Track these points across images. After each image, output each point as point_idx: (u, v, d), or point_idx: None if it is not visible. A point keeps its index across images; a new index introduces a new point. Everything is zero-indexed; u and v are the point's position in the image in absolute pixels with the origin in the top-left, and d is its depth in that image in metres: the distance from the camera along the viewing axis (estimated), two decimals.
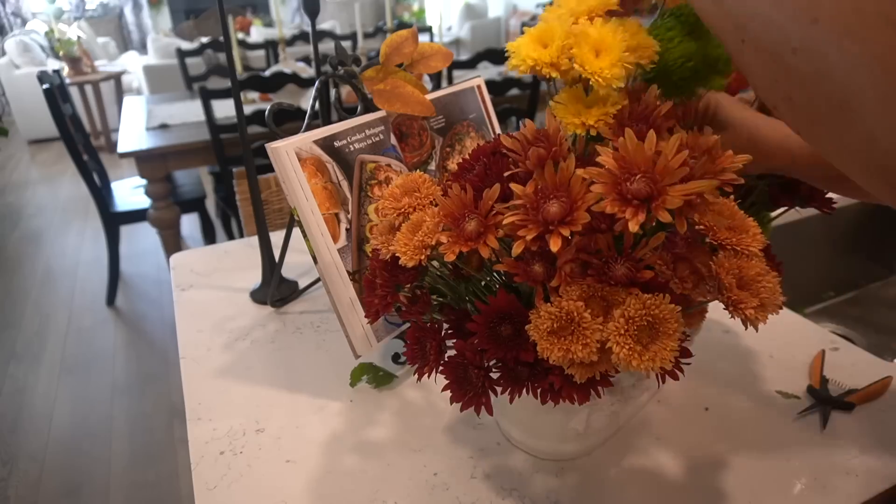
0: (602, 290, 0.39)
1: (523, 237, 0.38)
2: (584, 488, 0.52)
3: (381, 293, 0.48)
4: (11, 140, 4.89)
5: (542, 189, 0.39)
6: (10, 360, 2.11)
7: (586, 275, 0.40)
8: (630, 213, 0.35)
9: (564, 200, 0.38)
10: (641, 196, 0.35)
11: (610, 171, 0.36)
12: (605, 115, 0.42)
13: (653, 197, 0.35)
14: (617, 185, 0.36)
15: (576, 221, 0.37)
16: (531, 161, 0.40)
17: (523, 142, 0.42)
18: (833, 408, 0.60)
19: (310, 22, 0.78)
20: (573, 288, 0.39)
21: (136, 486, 1.56)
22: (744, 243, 0.43)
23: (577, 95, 0.45)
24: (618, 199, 0.36)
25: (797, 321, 0.74)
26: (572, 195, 0.38)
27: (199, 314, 0.81)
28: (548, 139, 0.41)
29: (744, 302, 0.40)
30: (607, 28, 0.43)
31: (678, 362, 0.39)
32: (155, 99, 2.70)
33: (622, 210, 0.35)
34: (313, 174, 0.60)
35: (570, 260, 0.39)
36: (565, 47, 0.43)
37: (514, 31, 6.08)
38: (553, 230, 0.37)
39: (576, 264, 0.40)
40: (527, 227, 0.38)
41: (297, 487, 0.54)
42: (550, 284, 0.39)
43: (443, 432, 0.59)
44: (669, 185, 0.35)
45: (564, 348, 0.38)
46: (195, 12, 6.85)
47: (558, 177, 0.39)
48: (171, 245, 2.18)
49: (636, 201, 0.35)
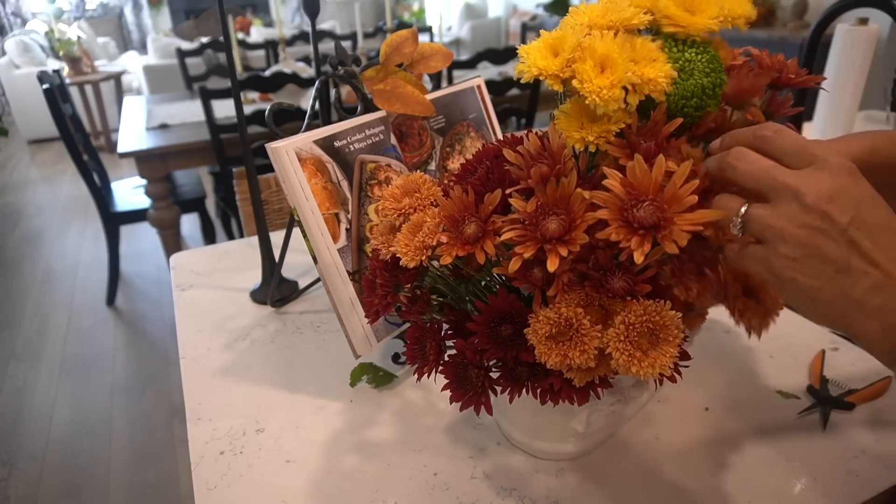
0: (600, 299, 0.39)
1: (520, 254, 0.37)
2: (584, 488, 0.52)
3: (381, 293, 0.48)
4: (11, 140, 4.89)
5: (541, 205, 0.38)
6: (10, 360, 2.11)
7: (584, 284, 0.39)
8: (635, 243, 0.34)
9: (564, 218, 0.37)
10: (647, 224, 0.34)
11: (616, 196, 0.36)
12: (607, 132, 0.40)
13: (659, 226, 0.34)
14: (623, 211, 0.35)
15: (574, 241, 0.36)
16: (533, 179, 0.39)
17: (527, 156, 0.41)
18: (833, 408, 0.60)
19: (310, 22, 0.78)
20: (572, 296, 0.39)
21: (136, 486, 1.56)
22: None
23: (583, 108, 0.42)
24: (623, 226, 0.35)
25: (797, 321, 0.74)
26: (572, 213, 0.37)
27: (199, 314, 0.81)
28: (552, 156, 0.40)
29: (750, 310, 0.40)
30: (614, 43, 0.40)
31: (677, 366, 0.39)
32: (155, 99, 2.70)
33: (627, 239, 0.34)
34: (313, 174, 0.60)
35: (567, 270, 0.39)
36: (570, 60, 0.41)
37: (514, 31, 6.07)
38: (551, 249, 0.37)
39: (574, 274, 0.39)
40: (525, 243, 0.37)
41: (297, 487, 0.54)
42: (548, 293, 0.39)
43: (443, 432, 0.59)
44: (677, 213, 0.34)
45: (562, 354, 0.38)
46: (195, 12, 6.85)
47: (559, 192, 0.38)
48: (171, 245, 2.18)
49: (642, 230, 0.34)
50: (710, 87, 0.41)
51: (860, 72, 1.15)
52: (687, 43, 0.42)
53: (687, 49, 0.42)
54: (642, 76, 0.39)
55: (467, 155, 0.74)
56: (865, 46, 1.14)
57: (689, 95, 0.41)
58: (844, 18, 1.14)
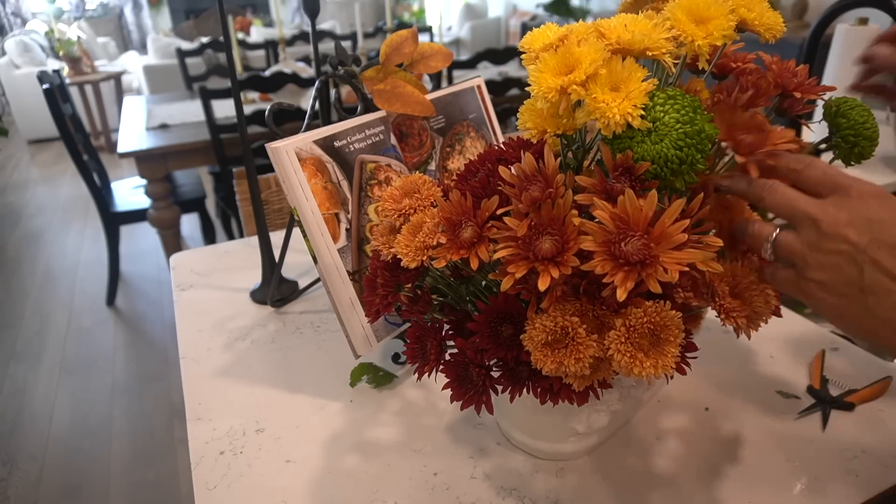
0: (594, 310, 0.39)
1: (512, 273, 0.37)
2: (584, 488, 0.52)
3: (382, 293, 0.48)
4: (11, 140, 4.89)
5: (535, 224, 0.38)
6: (10, 360, 2.11)
7: (578, 295, 0.39)
8: (619, 280, 0.34)
9: (557, 239, 0.37)
10: (633, 260, 0.34)
11: (603, 229, 0.36)
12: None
13: (645, 263, 0.34)
14: (609, 244, 0.35)
15: (566, 263, 0.36)
16: (524, 204, 0.39)
17: (521, 177, 0.40)
18: (833, 408, 0.60)
19: (310, 22, 0.78)
20: (567, 306, 0.39)
21: (136, 486, 1.56)
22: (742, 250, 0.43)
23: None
24: (608, 259, 0.35)
25: (797, 321, 0.74)
26: (565, 235, 0.37)
27: (199, 314, 0.81)
28: (545, 178, 0.39)
29: (736, 310, 0.40)
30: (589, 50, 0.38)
31: (684, 357, 0.39)
32: (155, 99, 2.70)
33: (612, 273, 0.34)
34: (313, 174, 0.60)
35: (560, 283, 0.39)
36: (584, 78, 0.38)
37: (514, 31, 6.07)
38: (543, 269, 0.36)
39: (567, 287, 0.39)
40: (516, 262, 0.37)
41: (297, 487, 0.54)
42: (541, 305, 0.39)
43: (443, 432, 0.59)
44: (665, 251, 0.35)
45: (557, 361, 0.38)
46: (195, 12, 6.85)
47: (553, 213, 0.38)
48: (171, 245, 2.18)
49: (627, 266, 0.34)
50: (684, 157, 0.37)
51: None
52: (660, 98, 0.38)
53: (658, 108, 0.38)
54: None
55: (467, 155, 0.74)
56: (865, 46, 1.13)
57: (661, 160, 0.38)
58: (844, 18, 1.14)
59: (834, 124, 0.46)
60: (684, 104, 0.38)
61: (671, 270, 0.34)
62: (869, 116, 0.45)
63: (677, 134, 0.37)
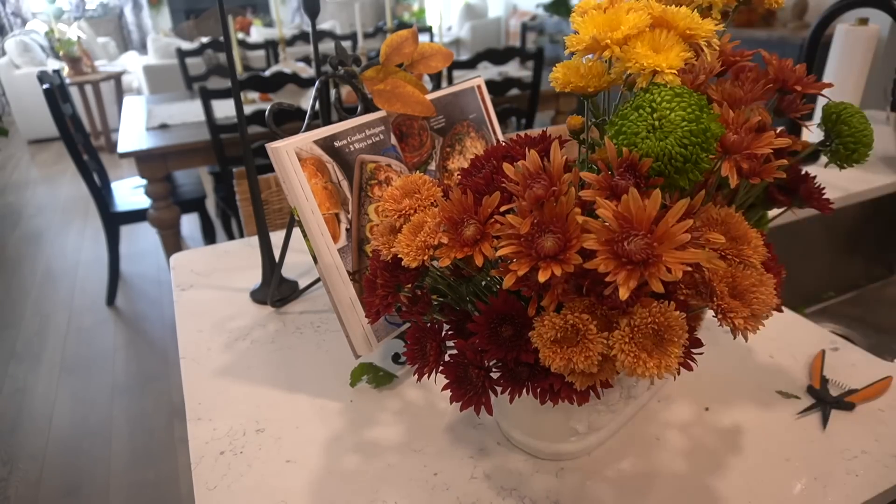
0: (603, 308, 0.39)
1: (514, 271, 0.37)
2: (584, 488, 0.52)
3: (382, 293, 0.48)
4: (11, 140, 4.89)
5: (538, 222, 0.38)
6: (10, 360, 2.11)
7: (583, 294, 0.39)
8: (622, 279, 0.34)
9: (560, 237, 0.37)
10: (636, 260, 0.34)
11: (606, 228, 0.35)
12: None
13: (648, 262, 0.34)
14: (612, 242, 0.35)
15: (568, 261, 0.36)
16: (527, 202, 0.38)
17: (525, 175, 0.40)
18: (833, 408, 0.60)
19: (310, 22, 0.78)
20: (576, 303, 0.39)
21: (136, 486, 1.56)
22: (744, 254, 0.43)
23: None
24: (611, 258, 0.35)
25: (797, 321, 0.74)
26: (568, 233, 0.37)
27: (199, 314, 0.81)
28: (549, 176, 0.39)
29: (734, 311, 0.40)
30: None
31: (690, 353, 0.39)
32: (155, 99, 2.70)
33: (615, 272, 0.34)
34: (313, 174, 0.60)
35: (562, 282, 0.39)
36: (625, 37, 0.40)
37: (514, 31, 6.07)
38: (545, 267, 0.36)
39: (569, 285, 0.39)
40: (519, 260, 0.37)
41: (297, 487, 0.54)
42: (542, 303, 0.39)
43: (443, 432, 0.59)
44: (667, 251, 0.34)
45: (566, 358, 0.38)
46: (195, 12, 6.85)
47: (556, 210, 0.38)
48: (171, 245, 2.18)
49: (630, 265, 0.34)
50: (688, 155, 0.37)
51: (860, 72, 1.16)
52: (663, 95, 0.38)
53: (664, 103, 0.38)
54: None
55: (467, 155, 0.74)
56: (865, 46, 1.14)
57: (665, 158, 0.37)
58: (844, 18, 1.14)
59: (835, 131, 0.46)
60: (691, 102, 0.37)
61: (675, 270, 0.34)
62: (867, 124, 0.46)
63: (682, 132, 0.37)
